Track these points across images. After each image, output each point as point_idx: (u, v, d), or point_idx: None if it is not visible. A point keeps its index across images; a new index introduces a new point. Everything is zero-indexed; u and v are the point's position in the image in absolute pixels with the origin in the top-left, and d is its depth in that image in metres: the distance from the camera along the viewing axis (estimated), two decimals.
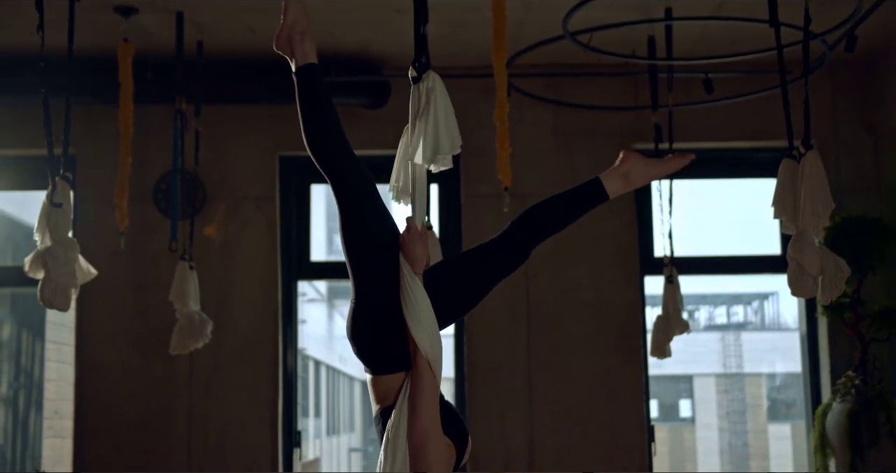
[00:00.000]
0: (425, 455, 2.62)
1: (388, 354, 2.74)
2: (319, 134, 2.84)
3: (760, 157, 7.07)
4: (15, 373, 8.79)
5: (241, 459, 6.56)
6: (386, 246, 2.77)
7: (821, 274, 3.98)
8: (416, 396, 2.66)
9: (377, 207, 2.82)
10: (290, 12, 2.92)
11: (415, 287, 2.70)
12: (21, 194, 7.58)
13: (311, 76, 2.86)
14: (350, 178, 2.80)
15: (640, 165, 2.94)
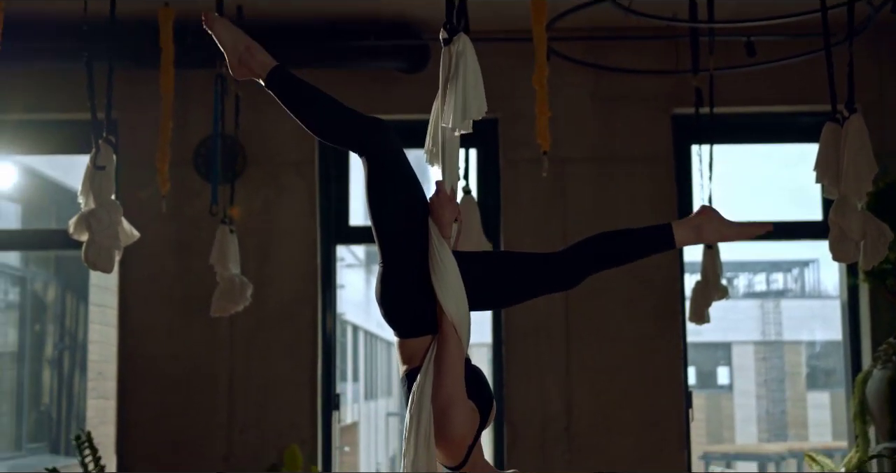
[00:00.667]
0: (449, 417, 2.64)
1: (415, 318, 2.76)
2: (322, 125, 2.86)
3: (803, 122, 7.00)
4: (60, 335, 8.93)
5: (280, 421, 6.64)
6: (414, 211, 2.78)
7: (863, 238, 3.96)
8: (441, 360, 2.68)
9: (402, 171, 2.81)
10: (222, 36, 2.88)
11: (443, 252, 2.71)
12: (64, 158, 7.66)
13: (280, 79, 2.84)
14: (371, 149, 2.80)
15: (713, 222, 2.91)
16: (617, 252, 2.87)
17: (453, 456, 2.70)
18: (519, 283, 2.86)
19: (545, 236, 6.75)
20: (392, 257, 2.78)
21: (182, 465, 6.59)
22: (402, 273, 2.76)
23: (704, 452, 20.08)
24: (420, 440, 2.64)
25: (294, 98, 2.85)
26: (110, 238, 4.28)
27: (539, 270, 2.86)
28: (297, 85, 2.84)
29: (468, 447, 2.71)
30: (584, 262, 2.86)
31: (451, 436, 2.65)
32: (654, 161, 6.80)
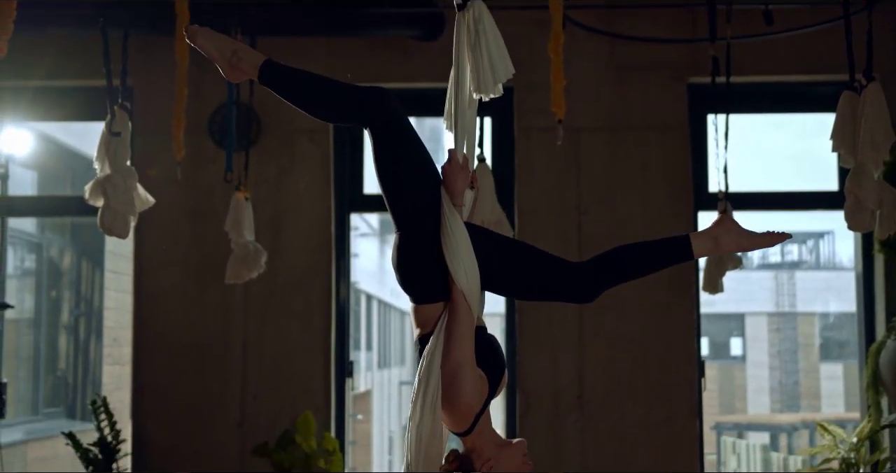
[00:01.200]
0: (456, 385, 2.65)
1: (429, 285, 2.76)
2: (321, 108, 2.87)
3: (820, 92, 6.95)
4: (76, 301, 8.99)
5: (294, 387, 6.68)
6: (423, 179, 2.78)
7: (879, 208, 3.95)
8: (451, 327, 2.69)
9: (408, 139, 2.81)
10: (206, 47, 2.84)
11: (453, 220, 2.71)
12: (80, 125, 7.68)
13: (271, 73, 2.82)
14: (374, 121, 2.80)
15: (732, 233, 2.88)
16: (635, 266, 2.87)
17: (459, 423, 2.72)
18: (533, 280, 2.85)
19: (559, 205, 6.75)
20: (405, 225, 2.78)
21: (196, 431, 6.65)
22: (415, 240, 2.77)
23: (716, 422, 20.14)
24: (426, 404, 2.66)
25: (288, 89, 2.85)
26: (126, 203, 4.30)
27: (558, 276, 2.85)
28: (288, 75, 2.83)
29: (475, 415, 2.73)
30: (602, 277, 2.85)
31: (457, 403, 2.66)
32: (669, 130, 6.78)
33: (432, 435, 2.66)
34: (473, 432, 2.75)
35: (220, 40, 2.85)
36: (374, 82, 7.44)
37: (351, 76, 6.89)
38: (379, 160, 2.79)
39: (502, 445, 2.80)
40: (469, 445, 2.78)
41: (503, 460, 2.77)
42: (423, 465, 2.66)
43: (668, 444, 6.59)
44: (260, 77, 2.82)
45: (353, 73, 6.90)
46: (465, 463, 2.77)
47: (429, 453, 2.66)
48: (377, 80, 6.85)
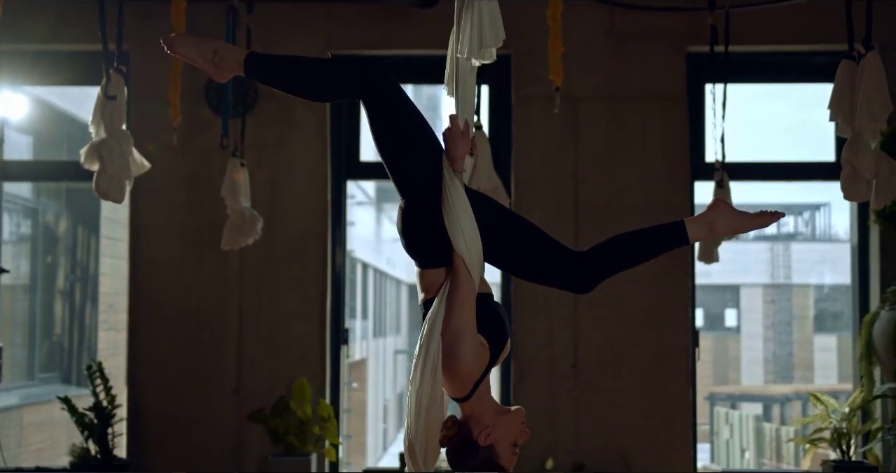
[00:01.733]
0: (456, 351, 2.66)
1: (432, 251, 2.77)
2: (312, 91, 2.87)
3: (819, 61, 6.93)
4: (71, 267, 8.99)
5: (289, 354, 6.70)
6: (422, 146, 2.77)
7: (875, 177, 3.95)
8: (452, 294, 2.70)
9: (403, 108, 2.79)
10: (187, 54, 2.81)
11: (453, 187, 2.70)
12: (76, 90, 7.64)
13: (256, 66, 2.79)
14: (367, 94, 2.78)
15: (726, 216, 2.87)
16: (632, 256, 2.88)
17: (458, 389, 2.73)
18: (532, 259, 2.85)
19: (556, 174, 6.74)
20: (407, 192, 2.78)
21: (192, 397, 6.67)
22: (418, 207, 2.77)
23: (710, 393, 20.24)
24: (427, 369, 2.66)
25: (275, 78, 2.83)
26: (121, 168, 4.29)
27: (557, 262, 2.84)
28: (273, 64, 2.81)
29: (474, 381, 2.73)
30: (600, 270, 2.86)
31: (456, 369, 2.67)
32: (667, 100, 6.76)
33: (432, 400, 2.67)
34: (472, 398, 2.76)
35: (200, 43, 2.83)
36: (372, 50, 7.45)
37: (351, 43, 6.89)
38: (376, 131, 2.78)
39: (501, 412, 2.81)
40: (467, 412, 2.79)
41: (501, 427, 2.78)
42: (423, 429, 2.67)
43: (661, 413, 6.63)
44: (245, 71, 2.80)
45: (351, 40, 6.88)
46: (462, 430, 2.78)
47: (429, 417, 2.67)
48: (376, 48, 6.85)
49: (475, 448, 2.77)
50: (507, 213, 2.89)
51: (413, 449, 2.68)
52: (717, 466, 14.36)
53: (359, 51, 6.82)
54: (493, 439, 2.77)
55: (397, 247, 22.80)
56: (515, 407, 2.84)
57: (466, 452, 2.77)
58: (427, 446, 2.68)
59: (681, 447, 6.61)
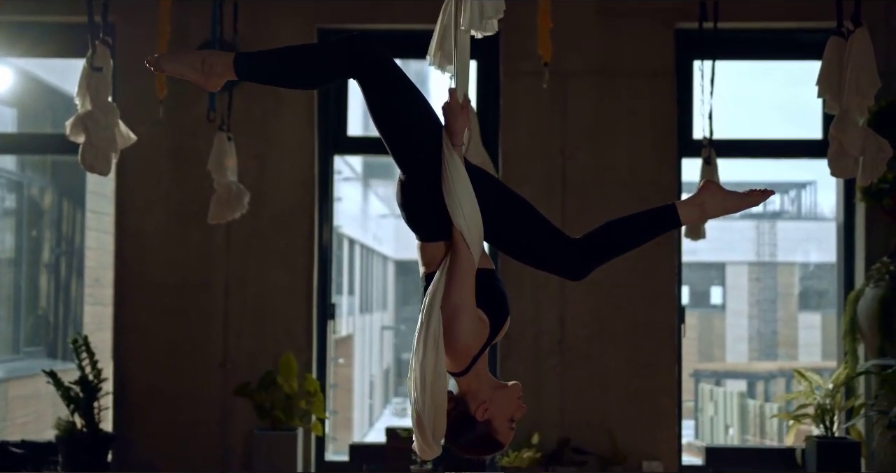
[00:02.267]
0: (454, 325, 2.66)
1: (432, 225, 2.76)
2: (306, 80, 2.86)
3: (807, 38, 6.92)
4: (57, 240, 8.95)
5: (276, 328, 6.70)
6: (420, 120, 2.76)
7: (862, 154, 3.95)
8: (452, 268, 2.69)
9: (398, 82, 2.77)
10: (175, 70, 2.76)
11: (453, 161, 2.69)
12: (62, 62, 7.58)
13: (246, 66, 2.75)
14: (360, 73, 2.76)
15: (717, 197, 2.89)
16: (626, 242, 2.88)
17: (456, 364, 2.73)
18: (528, 240, 2.84)
19: (543, 150, 6.73)
20: (406, 166, 2.77)
21: (178, 371, 6.67)
22: (418, 180, 2.76)
23: (695, 370, 20.34)
24: (429, 342, 2.66)
25: (267, 75, 2.81)
26: (107, 140, 4.26)
27: (554, 246, 2.83)
28: (262, 62, 2.78)
29: (472, 357, 2.73)
30: (595, 257, 2.85)
31: (455, 343, 2.67)
32: (655, 76, 6.75)
33: (437, 373, 2.67)
34: (469, 373, 2.76)
35: (186, 56, 2.78)
36: (360, 24, 7.41)
37: (339, 18, 6.85)
38: (373, 107, 2.76)
39: (498, 387, 2.81)
40: (464, 387, 2.79)
41: (498, 402, 2.79)
42: (430, 402, 2.67)
43: (647, 389, 6.66)
44: (236, 73, 2.77)
45: (339, 14, 6.84)
46: (460, 405, 2.78)
47: (435, 390, 2.67)
48: (364, 22, 6.81)
49: (473, 422, 2.78)
50: (507, 191, 2.89)
51: (421, 422, 2.68)
52: (702, 442, 14.44)
53: (346, 25, 6.78)
54: (490, 414, 2.77)
55: (384, 223, 22.79)
56: (512, 383, 2.85)
57: (464, 427, 2.78)
58: (435, 418, 2.69)
59: (666, 423, 6.65)
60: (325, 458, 6.92)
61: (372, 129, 10.59)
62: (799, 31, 6.93)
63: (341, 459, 7.01)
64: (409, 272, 24.88)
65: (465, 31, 2.77)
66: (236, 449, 6.63)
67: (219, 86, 2.80)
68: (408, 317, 25.50)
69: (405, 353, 24.75)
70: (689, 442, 11.96)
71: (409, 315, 25.51)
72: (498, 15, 2.75)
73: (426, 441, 2.70)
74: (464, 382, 2.78)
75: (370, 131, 25.98)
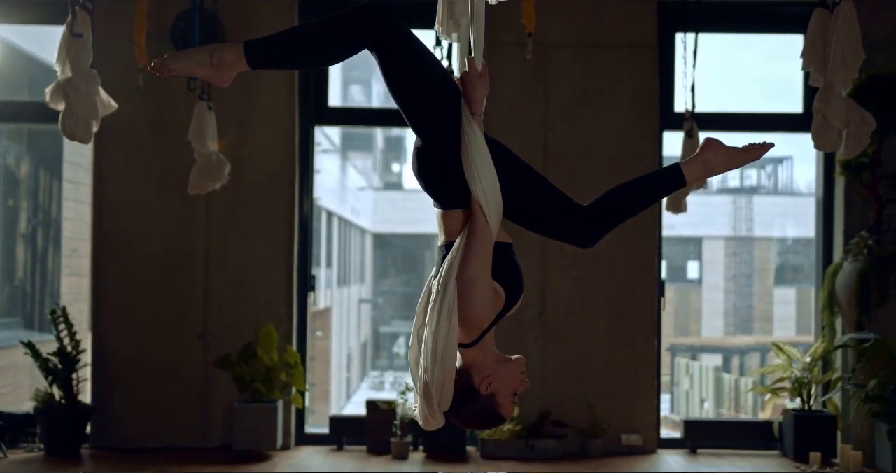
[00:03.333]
0: (470, 296, 2.65)
1: (452, 191, 2.75)
2: (322, 57, 2.73)
3: (790, 11, 6.91)
4: (33, 210, 8.87)
5: (256, 299, 6.68)
6: (439, 88, 2.73)
7: (846, 127, 3.95)
8: (469, 239, 2.69)
9: (416, 51, 2.73)
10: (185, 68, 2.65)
11: (472, 131, 2.68)
12: (37, 29, 7.47)
13: (258, 53, 2.66)
14: (376, 43, 2.70)
15: (720, 154, 2.89)
16: (635, 203, 2.89)
17: (466, 335, 2.72)
18: (542, 211, 2.84)
19: (526, 121, 6.71)
20: (424, 134, 2.75)
21: (158, 342, 6.64)
22: (436, 148, 2.74)
23: (671, 344, 20.46)
24: (444, 311, 2.66)
25: (281, 60, 2.73)
26: (87, 107, 4.20)
27: (567, 215, 2.83)
28: (274, 47, 2.68)
29: (483, 329, 2.73)
30: (605, 222, 2.85)
31: (468, 314, 2.67)
32: (637, 48, 6.73)
33: (448, 343, 2.66)
34: (476, 346, 2.76)
35: (193, 52, 2.69)
36: None
37: None
38: (390, 77, 2.71)
39: (502, 361, 2.81)
40: (469, 359, 2.78)
41: (503, 376, 2.78)
42: (440, 371, 2.66)
43: (626, 362, 6.68)
44: (248, 62, 2.68)
45: None
46: (464, 377, 2.77)
47: (445, 359, 2.67)
48: None
49: (476, 395, 2.77)
50: (517, 160, 2.87)
51: (429, 391, 2.68)
52: (677, 415, 14.54)
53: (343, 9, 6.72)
54: (494, 387, 2.77)
55: (362, 196, 22.73)
56: (516, 357, 2.84)
57: (467, 399, 2.77)
58: (443, 388, 2.68)
59: (645, 395, 6.68)
60: (305, 430, 6.92)
61: (353, 101, 10.60)
62: (781, 3, 6.93)
63: (321, 431, 7.01)
64: (387, 245, 24.86)
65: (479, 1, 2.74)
66: (216, 421, 6.62)
67: (230, 80, 2.71)
68: (386, 291, 25.50)
69: (383, 326, 24.76)
70: (664, 416, 12.03)
71: (387, 288, 25.50)
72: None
73: (432, 411, 2.69)
74: (469, 354, 2.77)
75: (350, 102, 25.87)
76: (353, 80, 23.79)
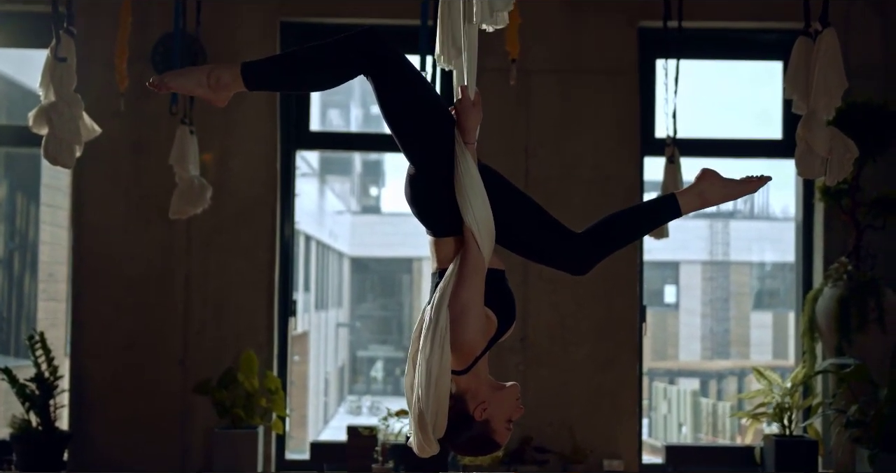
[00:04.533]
0: (461, 323, 2.65)
1: (444, 219, 2.75)
2: (318, 81, 2.77)
3: (771, 39, 6.97)
4: (10, 234, 8.80)
5: (236, 325, 6.63)
6: (432, 116, 2.74)
7: (829, 154, 3.98)
8: (462, 266, 2.69)
9: (410, 76, 2.74)
10: (182, 87, 2.73)
11: (464, 160, 2.69)
12: (16, 52, 7.45)
13: (255, 75, 2.71)
14: (371, 69, 2.71)
15: (716, 185, 2.90)
16: (629, 233, 2.90)
17: (459, 362, 2.72)
18: (535, 239, 2.84)
19: (507, 147, 6.73)
20: (417, 162, 2.75)
21: (137, 367, 6.58)
22: (429, 176, 2.74)
23: (649, 368, 20.50)
24: (437, 339, 2.65)
25: (277, 82, 2.78)
26: (71, 132, 4.18)
27: (560, 243, 2.83)
28: (270, 69, 2.72)
29: (475, 356, 2.73)
30: (599, 250, 2.85)
31: (461, 341, 2.66)
32: (619, 74, 6.77)
33: (442, 370, 2.66)
34: (470, 373, 2.75)
35: (193, 73, 2.74)
36: (323, 18, 7.33)
37: (303, 11, 6.78)
38: (385, 102, 2.72)
39: (496, 388, 2.80)
40: (463, 386, 2.77)
41: (497, 403, 2.78)
42: (434, 399, 2.66)
43: (608, 387, 6.67)
44: (245, 84, 2.71)
45: (301, 7, 6.78)
46: (459, 404, 2.77)
47: (439, 387, 2.66)
48: (328, 16, 6.76)
49: (471, 422, 2.77)
50: (514, 189, 2.88)
51: (423, 419, 2.67)
52: (655, 440, 14.54)
53: (310, 19, 6.73)
54: (488, 414, 2.77)
55: (340, 220, 22.70)
56: (511, 384, 2.84)
57: (462, 426, 2.77)
58: (437, 415, 2.68)
59: (626, 420, 6.67)
60: (285, 457, 6.87)
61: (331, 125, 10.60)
62: (760, 31, 6.99)
63: (300, 457, 6.95)
64: (365, 269, 24.81)
65: (474, 25, 2.74)
66: (196, 448, 6.56)
67: (227, 100, 2.74)
68: (363, 315, 25.43)
69: (360, 350, 24.67)
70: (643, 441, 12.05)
71: (365, 312, 25.44)
72: (508, 7, 2.72)
73: (427, 439, 2.69)
74: (463, 381, 2.77)
75: (329, 126, 25.83)
76: (331, 104, 23.82)
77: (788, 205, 24.62)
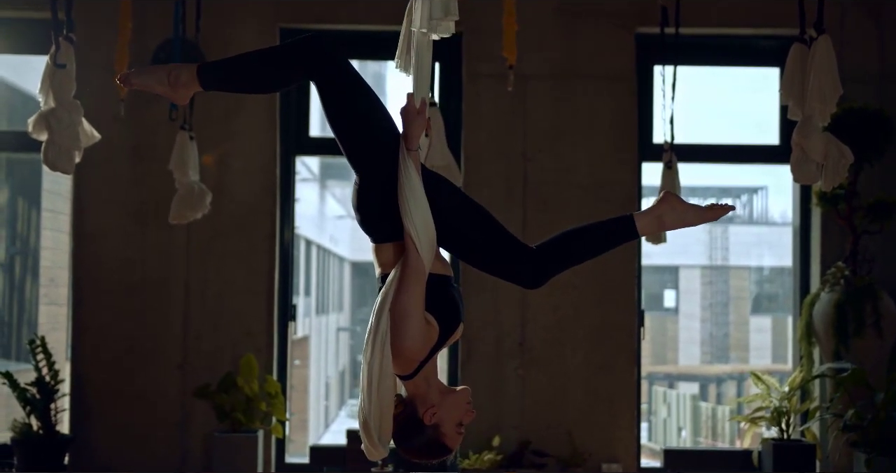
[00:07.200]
0: (401, 329, 2.67)
1: (386, 226, 2.77)
2: (267, 84, 2.90)
3: (767, 45, 7.01)
4: (11, 239, 8.84)
5: (236, 329, 6.66)
6: (376, 123, 2.76)
7: (824, 160, 4.01)
8: (402, 272, 2.70)
9: (354, 85, 2.77)
10: (145, 84, 2.81)
11: (407, 167, 2.69)
12: (17, 58, 7.48)
13: (209, 75, 2.80)
14: (318, 75, 2.77)
15: (676, 210, 2.86)
16: (583, 252, 2.87)
17: (403, 367, 2.74)
18: (485, 249, 2.84)
19: (505, 152, 6.75)
20: (361, 169, 2.78)
21: (136, 372, 6.60)
22: (373, 184, 2.76)
23: (648, 372, 20.49)
24: (377, 343, 2.68)
25: (229, 83, 2.87)
26: (70, 138, 4.21)
27: (510, 255, 2.83)
28: (223, 70, 2.83)
29: (419, 361, 2.74)
30: (551, 266, 2.84)
31: (401, 346, 2.68)
32: (616, 80, 6.80)
33: (383, 374, 2.68)
34: (417, 377, 2.77)
35: (154, 70, 2.84)
36: (321, 24, 7.37)
37: (300, 17, 6.82)
38: (329, 109, 2.77)
39: (446, 392, 2.82)
40: (412, 390, 2.80)
41: (447, 407, 2.79)
42: (377, 404, 2.68)
43: (606, 391, 6.70)
44: (201, 84, 2.80)
45: (299, 13, 6.82)
46: (408, 408, 2.79)
47: (381, 392, 2.69)
48: (325, 22, 6.80)
49: (420, 426, 2.79)
50: (465, 199, 2.88)
51: (368, 425, 2.69)
52: (655, 444, 14.55)
53: (308, 25, 6.76)
54: (438, 418, 2.79)
55: (341, 225, 22.71)
56: (461, 388, 2.86)
57: (412, 430, 2.79)
58: (381, 421, 2.70)
59: (625, 425, 6.69)
60: (285, 460, 6.89)
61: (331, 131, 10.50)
62: (757, 37, 7.02)
63: (300, 461, 6.97)
64: (366, 273, 24.81)
65: (422, 33, 2.76)
66: (195, 451, 6.58)
67: (187, 99, 2.83)
68: (364, 319, 25.43)
69: (361, 355, 24.68)
70: (642, 444, 12.07)
71: (365, 316, 25.41)
72: (448, 16, 2.72)
73: (372, 443, 2.72)
74: (412, 385, 2.79)
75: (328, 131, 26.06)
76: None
77: (787, 210, 24.63)
